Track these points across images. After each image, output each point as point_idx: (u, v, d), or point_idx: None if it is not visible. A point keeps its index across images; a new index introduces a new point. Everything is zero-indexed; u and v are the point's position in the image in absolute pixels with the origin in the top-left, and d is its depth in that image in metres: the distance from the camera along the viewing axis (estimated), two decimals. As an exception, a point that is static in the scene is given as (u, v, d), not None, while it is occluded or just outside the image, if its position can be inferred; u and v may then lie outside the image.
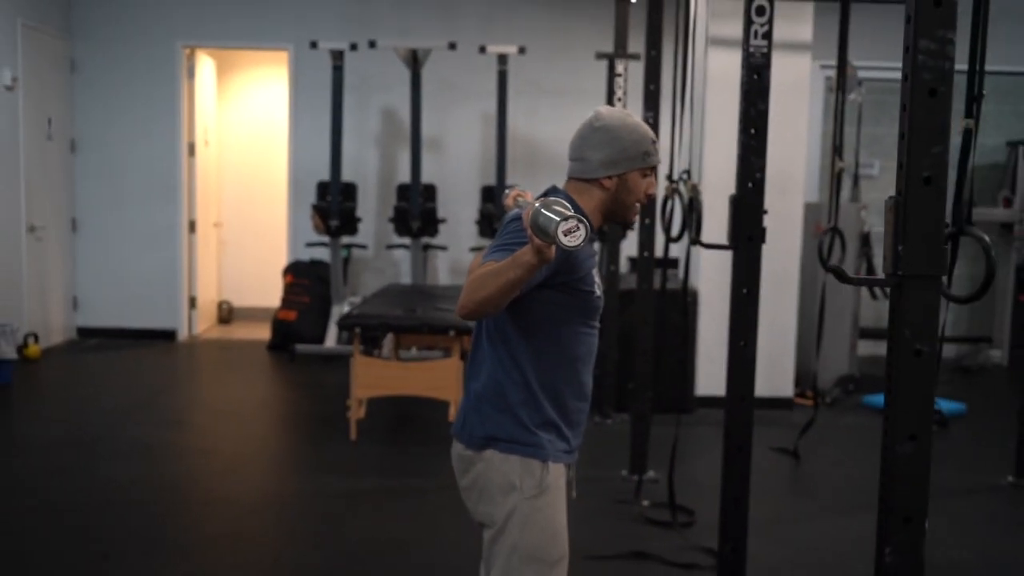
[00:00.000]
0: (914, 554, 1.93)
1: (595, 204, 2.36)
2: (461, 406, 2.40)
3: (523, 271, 1.97)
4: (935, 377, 1.93)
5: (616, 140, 2.33)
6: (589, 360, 2.40)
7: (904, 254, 1.88)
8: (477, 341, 2.38)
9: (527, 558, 2.27)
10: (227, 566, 3.73)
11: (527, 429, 2.28)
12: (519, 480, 2.27)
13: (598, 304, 2.37)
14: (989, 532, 4.36)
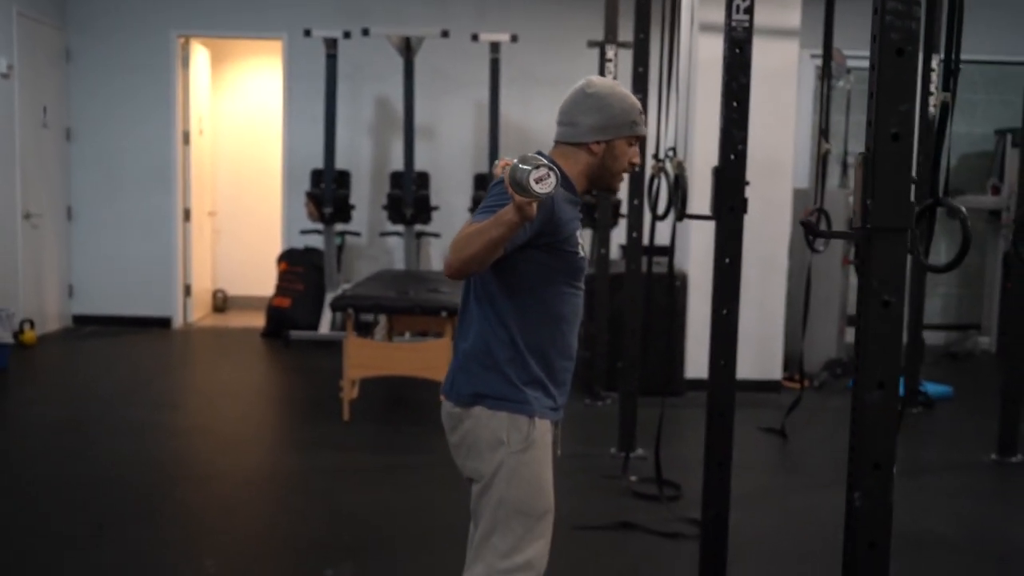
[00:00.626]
0: (882, 499, 2.01)
1: (581, 168, 2.43)
2: (450, 367, 2.47)
3: (506, 229, 2.04)
4: (901, 327, 2.00)
5: (607, 107, 2.40)
6: (575, 320, 2.47)
7: (872, 208, 1.94)
8: (465, 303, 2.45)
9: (514, 511, 2.34)
10: (219, 535, 3.80)
11: (514, 386, 2.35)
12: (506, 435, 2.33)
13: (582, 265, 2.43)
14: (970, 506, 4.43)
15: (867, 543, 2.02)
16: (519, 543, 2.34)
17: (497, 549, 2.34)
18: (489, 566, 2.35)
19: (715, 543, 3.21)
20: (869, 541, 2.02)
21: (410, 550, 3.64)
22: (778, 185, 6.47)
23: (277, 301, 8.31)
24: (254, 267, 9.61)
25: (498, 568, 2.34)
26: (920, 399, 6.23)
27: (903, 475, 4.90)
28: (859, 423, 2.01)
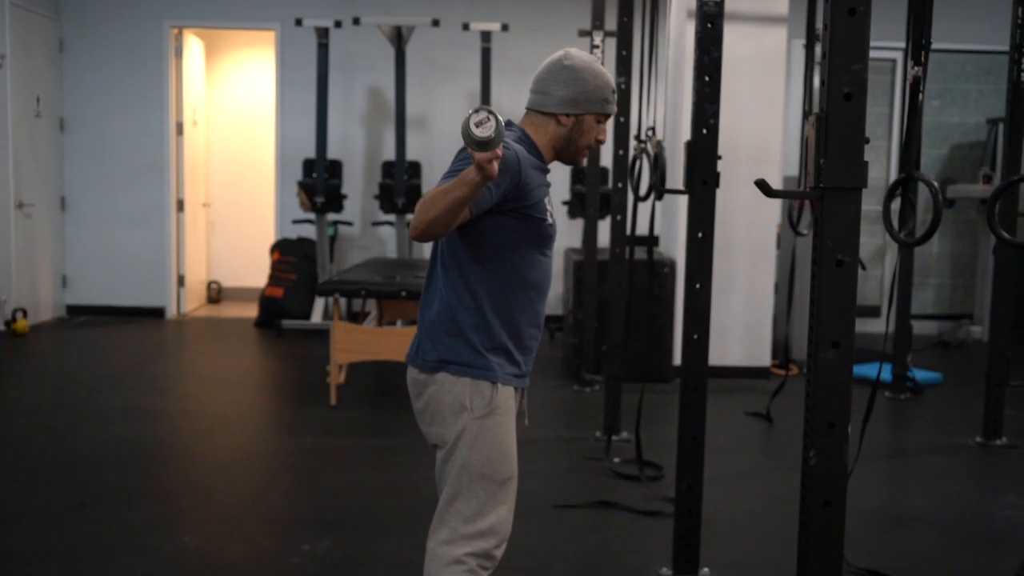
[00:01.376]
0: (837, 457, 2.02)
1: (549, 139, 2.44)
2: (416, 335, 2.48)
3: (469, 188, 2.04)
4: (855, 286, 2.01)
5: (581, 81, 2.40)
6: (542, 288, 2.48)
7: (826, 167, 1.95)
8: (432, 272, 2.46)
9: (477, 475, 2.35)
10: (201, 512, 3.81)
11: (478, 352, 2.35)
12: (469, 400, 2.34)
13: (550, 232, 2.44)
14: (951, 486, 4.44)
15: (822, 501, 2.03)
16: (483, 508, 2.35)
17: (461, 514, 2.35)
18: (453, 530, 2.36)
19: (689, 516, 3.22)
20: (824, 499, 2.03)
21: (387, 528, 3.66)
22: (767, 172, 6.44)
23: (270, 291, 8.33)
24: (249, 258, 9.64)
25: (461, 532, 2.35)
26: (908, 385, 6.23)
27: (888, 457, 4.95)
28: (814, 382, 2.02)
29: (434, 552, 2.37)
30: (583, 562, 3.46)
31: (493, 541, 2.36)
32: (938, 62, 8.96)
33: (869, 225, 8.47)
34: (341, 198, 8.11)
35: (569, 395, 6.02)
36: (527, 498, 3.91)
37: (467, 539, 2.34)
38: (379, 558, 3.38)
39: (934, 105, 8.81)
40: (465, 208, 2.11)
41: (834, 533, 2.04)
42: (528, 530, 3.66)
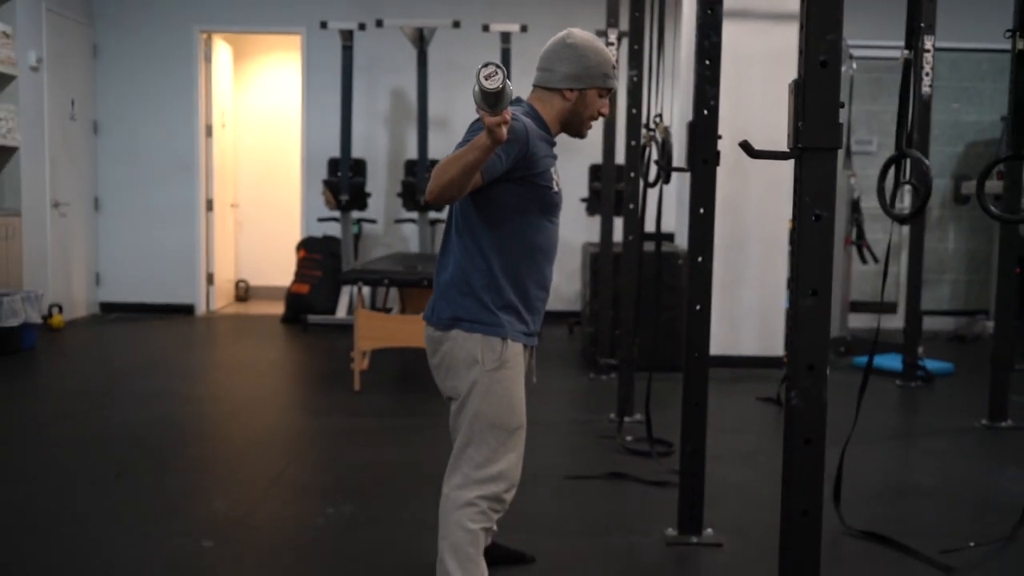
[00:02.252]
0: (816, 397, 2.18)
1: (555, 113, 2.64)
2: (432, 297, 2.67)
3: (480, 152, 2.23)
4: (832, 239, 2.18)
5: (583, 58, 2.60)
6: (550, 252, 2.67)
7: (804, 129, 2.12)
8: (447, 238, 2.65)
9: (488, 425, 2.53)
10: (230, 482, 4.01)
11: (489, 310, 2.54)
12: (480, 355, 2.53)
13: (556, 200, 2.63)
14: (953, 462, 4.56)
15: (803, 439, 2.20)
16: (493, 455, 2.53)
17: (473, 460, 2.54)
18: (465, 476, 2.54)
19: (692, 478, 3.38)
20: (805, 437, 2.20)
21: (406, 494, 3.83)
22: (779, 166, 6.60)
23: (296, 287, 8.55)
24: (276, 258, 9.89)
25: (473, 477, 2.53)
26: (920, 374, 6.35)
27: (894, 438, 5.09)
28: (795, 328, 2.18)
29: (448, 496, 2.55)
30: (594, 525, 3.63)
31: (503, 485, 2.54)
32: (953, 61, 9.07)
33: (887, 221, 8.57)
34: (365, 196, 8.32)
35: (586, 383, 6.18)
36: (542, 471, 4.11)
37: (479, 483, 2.53)
38: (397, 520, 3.56)
39: (953, 108, 8.92)
40: (476, 172, 2.30)
41: (814, 468, 2.20)
42: (542, 498, 3.84)
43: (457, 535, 2.52)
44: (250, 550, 3.27)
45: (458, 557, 2.51)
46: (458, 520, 2.52)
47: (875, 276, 9.15)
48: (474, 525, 2.52)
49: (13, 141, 7.38)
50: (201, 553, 3.20)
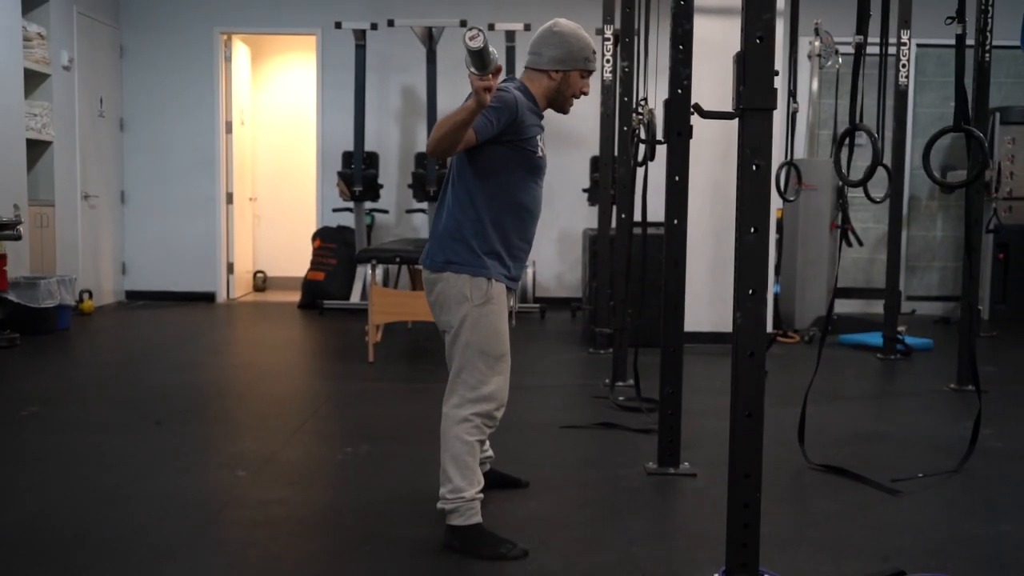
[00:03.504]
0: (758, 317, 2.61)
1: (542, 90, 3.10)
2: (427, 244, 3.11)
3: (466, 113, 2.70)
4: (769, 186, 2.60)
5: (566, 43, 3.06)
6: (533, 209, 3.12)
7: (744, 93, 2.56)
8: (443, 192, 3.10)
9: (477, 352, 2.97)
10: (259, 429, 4.45)
11: (476, 255, 2.98)
12: (469, 292, 2.97)
13: (540, 163, 3.08)
14: (917, 418, 4.97)
15: (747, 352, 2.62)
16: (483, 378, 2.97)
17: (466, 383, 2.98)
18: (461, 396, 2.98)
19: (670, 417, 3.80)
20: (749, 351, 2.62)
21: (416, 438, 4.26)
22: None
23: (312, 275, 9.01)
24: (292, 250, 10.35)
25: (468, 397, 2.98)
26: (899, 348, 6.76)
27: (868, 398, 5.50)
28: (739, 260, 2.61)
29: (447, 414, 3.00)
30: (585, 461, 4.06)
31: (493, 404, 2.99)
32: (939, 57, 9.50)
33: (878, 211, 8.99)
34: (378, 187, 8.77)
35: (584, 356, 6.62)
36: (540, 423, 4.57)
37: (472, 402, 2.97)
38: (408, 457, 4.00)
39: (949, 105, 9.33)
40: (465, 130, 2.75)
41: (757, 377, 2.63)
42: (539, 443, 4.28)
43: (456, 447, 2.96)
44: (279, 479, 3.71)
45: (457, 465, 2.95)
46: (457, 434, 2.96)
47: (867, 263, 9.57)
48: (470, 438, 2.96)
49: (48, 136, 7.86)
50: (236, 480, 3.64)
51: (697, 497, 3.59)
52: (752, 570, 2.67)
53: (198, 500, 3.42)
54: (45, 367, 5.98)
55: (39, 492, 3.50)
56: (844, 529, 3.24)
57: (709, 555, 2.85)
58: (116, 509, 3.31)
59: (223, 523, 3.19)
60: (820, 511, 3.47)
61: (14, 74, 7.32)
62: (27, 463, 3.90)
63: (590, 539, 3.13)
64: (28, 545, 2.97)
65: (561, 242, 9.37)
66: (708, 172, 6.78)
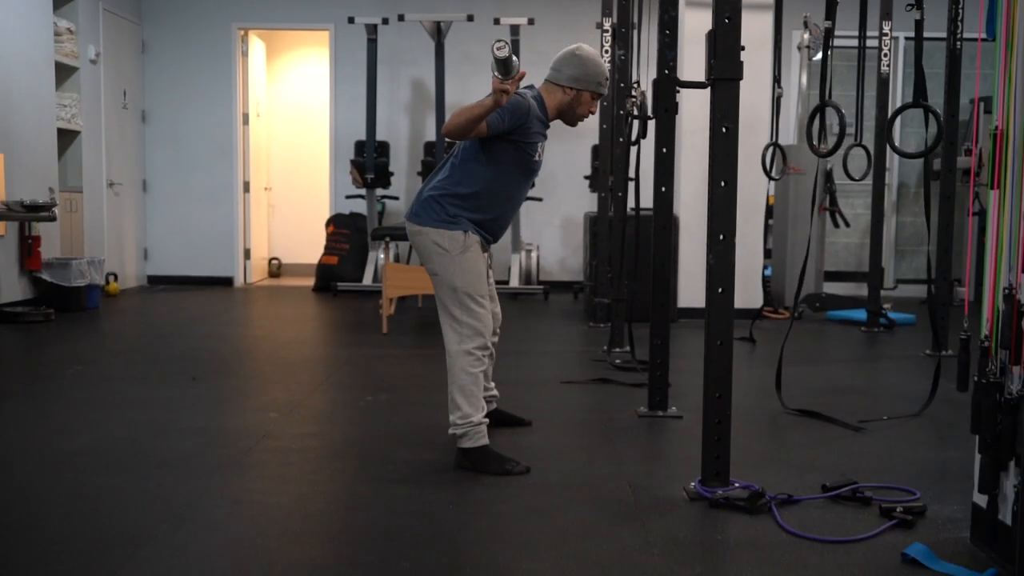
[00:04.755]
0: (727, 259, 3.04)
1: (555, 103, 3.54)
2: (413, 203, 3.54)
3: (483, 110, 3.17)
4: (737, 146, 3.03)
5: (584, 66, 3.50)
6: (516, 201, 3.60)
7: (715, 65, 2.98)
8: (442, 166, 3.53)
9: (464, 294, 3.41)
10: (286, 383, 4.88)
11: (453, 216, 3.42)
12: (448, 245, 3.41)
13: (534, 167, 3.55)
14: (889, 375, 5.40)
15: (718, 289, 3.05)
16: (472, 314, 3.41)
17: (459, 321, 3.41)
18: (458, 334, 3.42)
19: (659, 366, 4.22)
20: (719, 288, 3.05)
21: (428, 389, 4.68)
22: (758, 139, 7.45)
23: (326, 259, 9.44)
24: (305, 238, 10.79)
25: (464, 334, 3.40)
26: (882, 322, 7.18)
27: (846, 361, 5.90)
28: (711, 209, 3.04)
29: (451, 351, 3.43)
30: (581, 407, 4.49)
31: (485, 335, 3.43)
32: (928, 51, 9.86)
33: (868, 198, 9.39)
34: (389, 175, 9.20)
35: (585, 330, 7.04)
36: (540, 380, 4.99)
37: (468, 337, 3.40)
38: (424, 403, 4.43)
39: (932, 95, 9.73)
40: (479, 123, 3.19)
41: (726, 311, 3.06)
42: (540, 395, 4.70)
43: (462, 378, 3.39)
44: (308, 419, 4.15)
45: (464, 394, 3.38)
46: (462, 367, 3.39)
47: (857, 248, 9.98)
48: (474, 369, 3.39)
49: (76, 126, 8.31)
50: (270, 420, 4.07)
51: (682, 433, 4.00)
52: (723, 479, 3.10)
53: (238, 433, 3.86)
54: (81, 338, 6.42)
55: (95, 427, 3.94)
56: (810, 455, 3.65)
57: (689, 472, 3.26)
58: (165, 440, 3.74)
59: (263, 450, 3.61)
60: (790, 442, 3.89)
61: (46, 66, 7.77)
62: (79, 406, 4.33)
63: (584, 461, 3.55)
64: (95, 462, 3.40)
65: (563, 228, 9.80)
66: (700, 160, 7.16)
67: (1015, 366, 2.37)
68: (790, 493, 3.06)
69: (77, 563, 2.49)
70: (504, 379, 4.31)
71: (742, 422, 3.28)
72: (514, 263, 9.08)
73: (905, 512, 2.87)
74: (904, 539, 2.70)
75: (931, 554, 2.54)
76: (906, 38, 9.70)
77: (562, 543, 2.67)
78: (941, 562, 2.52)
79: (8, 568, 2.45)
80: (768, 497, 2.98)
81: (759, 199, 7.57)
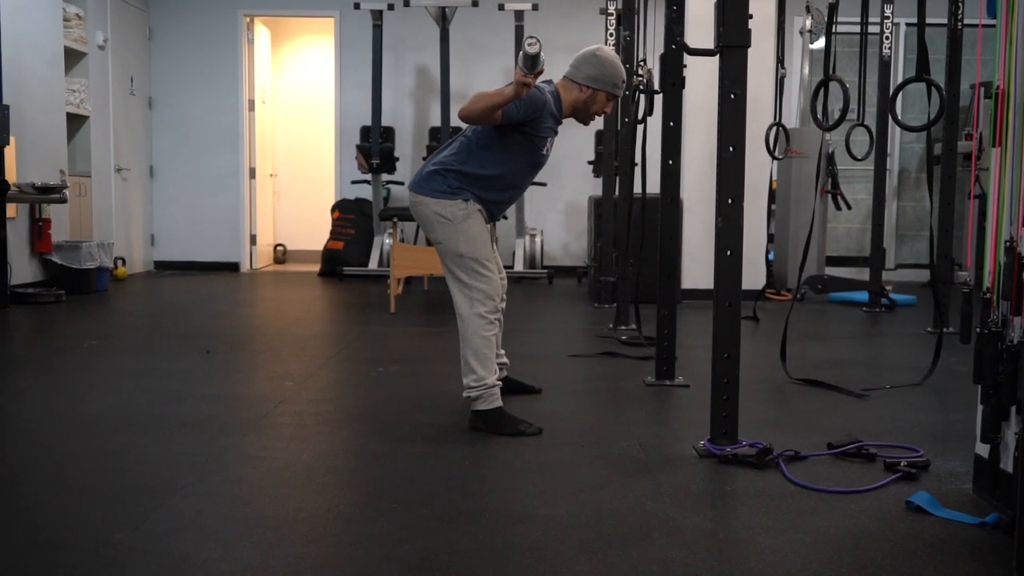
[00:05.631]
0: (735, 222, 3.11)
1: (571, 99, 3.61)
2: (419, 170, 3.61)
3: (502, 100, 3.28)
4: (745, 111, 3.10)
5: (603, 67, 3.57)
6: (519, 188, 3.67)
7: (724, 32, 3.06)
8: (451, 142, 3.60)
9: (470, 259, 3.49)
10: (299, 356, 4.96)
11: (459, 189, 3.49)
12: (450, 213, 3.48)
13: (540, 160, 3.63)
14: (891, 350, 5.48)
15: (726, 251, 3.12)
16: (481, 278, 3.48)
17: (468, 286, 3.49)
18: (469, 299, 3.49)
19: (666, 336, 4.30)
20: (728, 250, 3.13)
21: (437, 360, 4.77)
22: (761, 121, 7.52)
23: (331, 244, 9.52)
24: (310, 225, 10.87)
25: (475, 298, 3.48)
26: (884, 302, 7.26)
27: (849, 337, 5.97)
28: (720, 174, 3.11)
29: (464, 316, 3.50)
30: (590, 378, 4.57)
31: (495, 298, 3.51)
32: (929, 36, 9.94)
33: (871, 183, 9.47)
34: (394, 160, 9.27)
35: (591, 310, 7.12)
36: (549, 354, 5.07)
37: (479, 301, 3.48)
38: (433, 372, 4.51)
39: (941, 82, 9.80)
40: (497, 111, 3.27)
41: (735, 272, 3.13)
42: (550, 368, 4.78)
43: (475, 342, 3.47)
44: (323, 387, 4.23)
45: (478, 357, 3.46)
46: (475, 330, 3.46)
47: (859, 232, 10.06)
48: (487, 332, 3.47)
49: (85, 111, 8.38)
50: (286, 388, 4.16)
51: (689, 400, 4.09)
52: (732, 437, 3.18)
53: (256, 399, 3.94)
54: (93, 316, 6.50)
55: (116, 394, 4.03)
56: (815, 418, 3.74)
57: (697, 433, 3.34)
58: (184, 405, 3.83)
59: (280, 413, 3.70)
60: (796, 407, 3.97)
61: (56, 51, 7.84)
62: (97, 376, 4.42)
63: (595, 424, 3.64)
64: (118, 424, 3.49)
65: (568, 213, 9.88)
66: (704, 141, 7.29)
67: (1016, 316, 2.45)
68: (797, 450, 3.14)
69: (107, 512, 2.57)
70: (512, 353, 4.38)
71: (748, 390, 3.35)
72: (518, 248, 9.16)
73: (909, 466, 2.95)
74: (908, 490, 2.78)
75: (935, 501, 2.63)
76: (907, 24, 9.77)
77: (578, 493, 2.76)
78: (945, 509, 2.60)
79: (35, 517, 2.53)
80: (776, 453, 3.06)
81: (763, 182, 7.64)
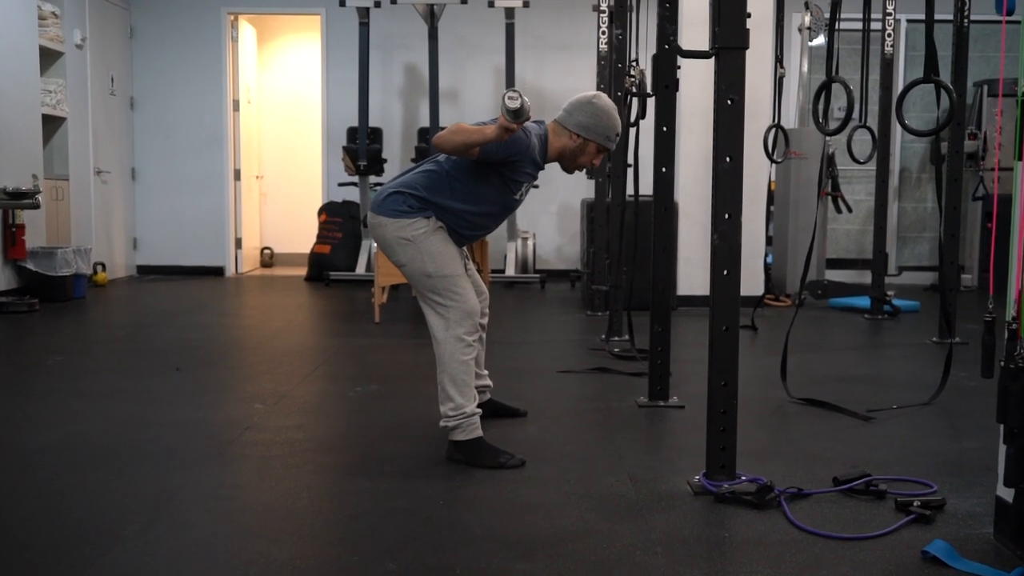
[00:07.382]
0: (733, 239, 2.86)
1: (559, 145, 3.35)
2: (380, 191, 3.35)
3: (483, 139, 3.04)
4: (742, 118, 2.85)
5: (597, 116, 3.31)
6: (483, 231, 3.41)
7: (720, 33, 2.81)
8: (421, 166, 3.35)
9: (439, 277, 3.24)
10: (274, 374, 4.71)
11: (420, 209, 3.24)
12: (410, 233, 3.23)
13: (512, 204, 3.39)
14: (896, 364, 5.23)
15: (723, 271, 2.88)
16: (455, 297, 3.24)
17: (443, 306, 3.24)
18: (444, 320, 3.25)
19: (659, 354, 4.05)
20: (725, 270, 2.88)
21: (418, 378, 4.50)
22: (759, 122, 7.27)
23: (318, 248, 9.26)
24: (297, 227, 10.60)
25: (451, 319, 3.23)
26: (886, 308, 7.02)
27: (851, 348, 5.73)
28: (716, 187, 2.86)
29: (440, 339, 3.26)
30: (581, 397, 4.32)
31: (473, 316, 3.27)
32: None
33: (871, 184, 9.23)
34: (382, 161, 9.01)
35: (583, 318, 6.87)
36: (537, 370, 4.82)
37: (456, 322, 3.24)
38: (412, 394, 4.26)
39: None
40: (475, 149, 3.04)
41: (732, 292, 2.88)
42: (537, 385, 4.53)
43: (453, 367, 3.22)
44: (295, 410, 3.98)
45: (456, 384, 3.22)
46: (452, 354, 3.22)
47: (859, 234, 9.82)
48: (465, 356, 3.22)
49: (62, 112, 8.12)
50: (255, 412, 3.91)
51: (684, 423, 3.84)
52: (730, 472, 2.93)
53: (220, 425, 3.69)
54: (65, 328, 6.25)
55: (71, 420, 3.77)
56: (818, 446, 3.49)
57: (692, 464, 3.09)
58: (143, 433, 3.57)
59: (245, 442, 3.45)
60: (798, 433, 3.73)
61: (30, 51, 7.57)
62: (57, 398, 4.17)
63: (583, 453, 3.39)
64: (67, 457, 3.24)
65: (560, 216, 9.63)
66: (699, 144, 7.03)
67: (1045, 350, 2.20)
68: (800, 487, 2.90)
69: (42, 563, 2.33)
70: (498, 369, 4.15)
71: (747, 412, 3.11)
72: (510, 251, 8.92)
73: (923, 506, 2.70)
74: (923, 535, 2.54)
75: (953, 552, 2.38)
76: (908, 20, 9.52)
77: (559, 542, 2.51)
78: (964, 560, 2.36)
79: (-33, 571, 2.29)
80: (777, 491, 2.81)
81: (761, 184, 7.39)
